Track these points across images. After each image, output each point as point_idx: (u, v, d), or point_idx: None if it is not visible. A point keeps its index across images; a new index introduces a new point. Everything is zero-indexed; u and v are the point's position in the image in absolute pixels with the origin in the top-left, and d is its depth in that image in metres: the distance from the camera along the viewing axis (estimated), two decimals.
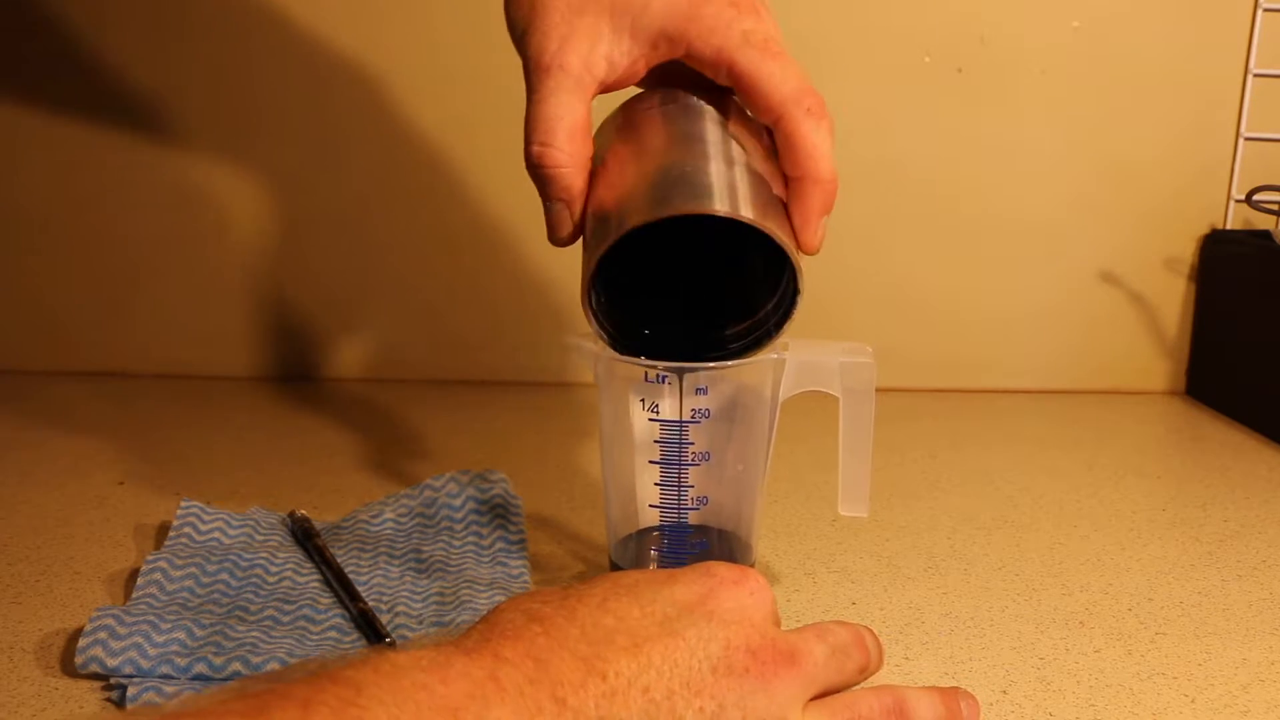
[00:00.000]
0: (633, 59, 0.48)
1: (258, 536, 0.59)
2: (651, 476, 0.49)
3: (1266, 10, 0.86)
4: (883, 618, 0.54)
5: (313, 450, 0.76)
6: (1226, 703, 0.47)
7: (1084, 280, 0.92)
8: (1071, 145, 0.90)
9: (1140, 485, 0.73)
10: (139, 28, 0.86)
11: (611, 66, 0.48)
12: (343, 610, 0.52)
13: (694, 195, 0.44)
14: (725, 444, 0.50)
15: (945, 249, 0.91)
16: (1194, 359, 0.93)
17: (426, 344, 0.92)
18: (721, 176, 0.45)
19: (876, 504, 0.67)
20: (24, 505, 0.65)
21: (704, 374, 0.48)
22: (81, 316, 0.91)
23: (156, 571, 0.53)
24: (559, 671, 0.36)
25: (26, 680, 0.47)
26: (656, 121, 0.49)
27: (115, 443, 0.76)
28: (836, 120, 0.49)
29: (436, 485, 0.63)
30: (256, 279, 0.90)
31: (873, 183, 0.89)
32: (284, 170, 0.88)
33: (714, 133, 0.48)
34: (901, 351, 0.92)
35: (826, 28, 0.87)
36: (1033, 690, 0.48)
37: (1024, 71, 0.88)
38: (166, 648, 0.47)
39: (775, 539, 0.63)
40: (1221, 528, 0.66)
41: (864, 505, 0.52)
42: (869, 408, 0.50)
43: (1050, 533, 0.65)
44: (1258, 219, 0.90)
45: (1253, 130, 0.89)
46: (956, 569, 0.60)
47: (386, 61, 0.86)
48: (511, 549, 0.59)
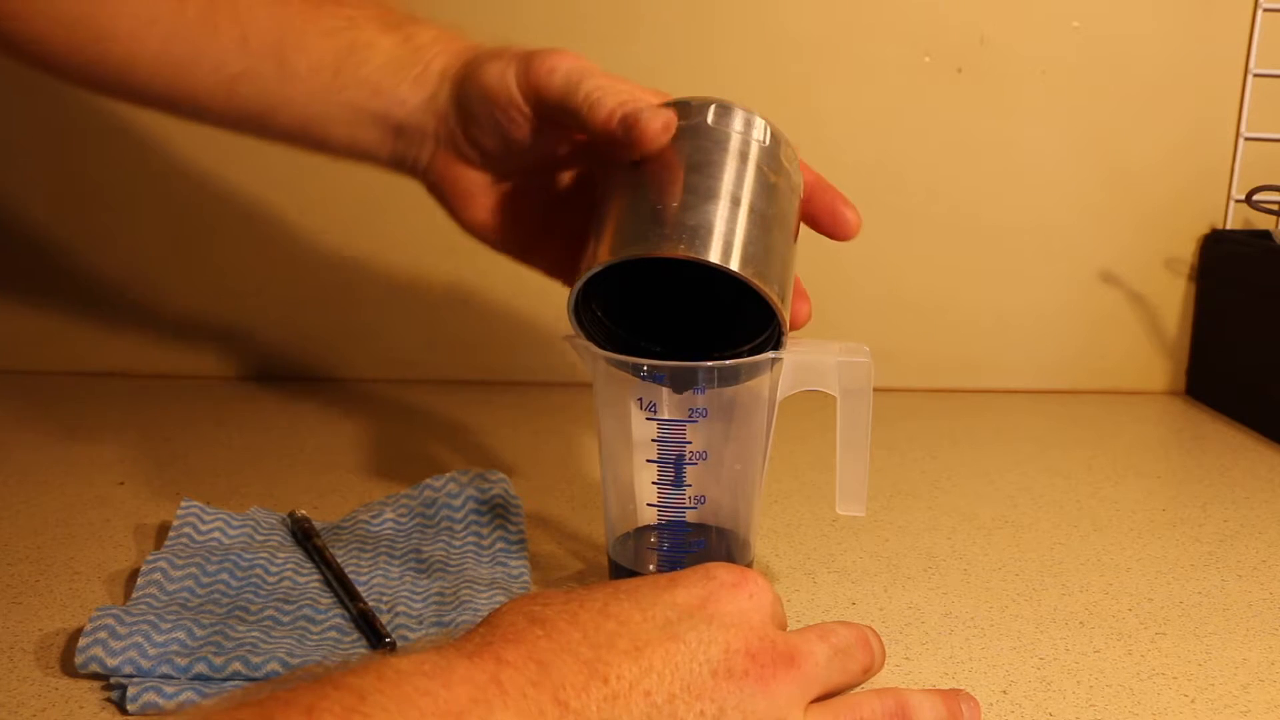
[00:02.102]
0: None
1: (258, 536, 0.59)
2: (650, 475, 0.49)
3: (1266, 10, 0.86)
4: (883, 618, 0.54)
5: (313, 450, 0.76)
6: (1226, 703, 0.47)
7: (1084, 280, 0.92)
8: (1071, 145, 0.90)
9: (1140, 485, 0.73)
10: None
11: None
12: (343, 610, 0.52)
13: (678, 240, 0.46)
14: (723, 443, 0.50)
15: (945, 248, 0.91)
16: (1194, 359, 0.93)
17: (426, 344, 0.92)
18: (722, 221, 0.46)
19: (876, 504, 0.67)
20: (24, 505, 0.65)
21: (702, 373, 0.48)
22: (82, 316, 0.91)
23: (156, 571, 0.53)
24: (561, 674, 0.36)
25: (26, 680, 0.47)
26: (675, 149, 0.49)
27: (115, 443, 0.76)
28: (836, 120, 0.49)
29: (436, 485, 0.63)
30: (256, 279, 0.90)
31: (873, 182, 0.89)
32: (284, 170, 0.88)
33: (730, 167, 0.49)
34: (901, 351, 0.92)
35: (826, 28, 0.87)
36: (1033, 690, 0.48)
37: (1024, 71, 0.88)
38: (166, 648, 0.47)
39: (775, 539, 0.63)
40: (1221, 528, 0.66)
41: (862, 505, 0.52)
42: (866, 407, 0.50)
43: (1050, 533, 0.65)
44: (1258, 219, 0.90)
45: (1253, 130, 0.89)
46: (956, 569, 0.60)
47: None
48: (511, 549, 0.59)
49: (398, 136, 0.56)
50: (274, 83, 0.55)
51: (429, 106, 0.55)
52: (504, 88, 0.52)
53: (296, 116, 0.56)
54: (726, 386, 0.49)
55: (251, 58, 0.54)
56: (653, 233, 0.46)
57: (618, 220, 0.48)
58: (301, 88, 0.55)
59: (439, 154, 0.56)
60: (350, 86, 0.54)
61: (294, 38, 0.54)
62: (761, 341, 0.49)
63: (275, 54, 0.54)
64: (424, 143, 0.56)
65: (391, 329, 0.92)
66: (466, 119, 0.54)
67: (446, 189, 0.57)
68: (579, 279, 0.47)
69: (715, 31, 0.87)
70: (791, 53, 0.87)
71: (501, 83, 0.52)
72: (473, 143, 0.55)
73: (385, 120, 0.55)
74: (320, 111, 0.55)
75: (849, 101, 0.88)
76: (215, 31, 0.54)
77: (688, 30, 0.86)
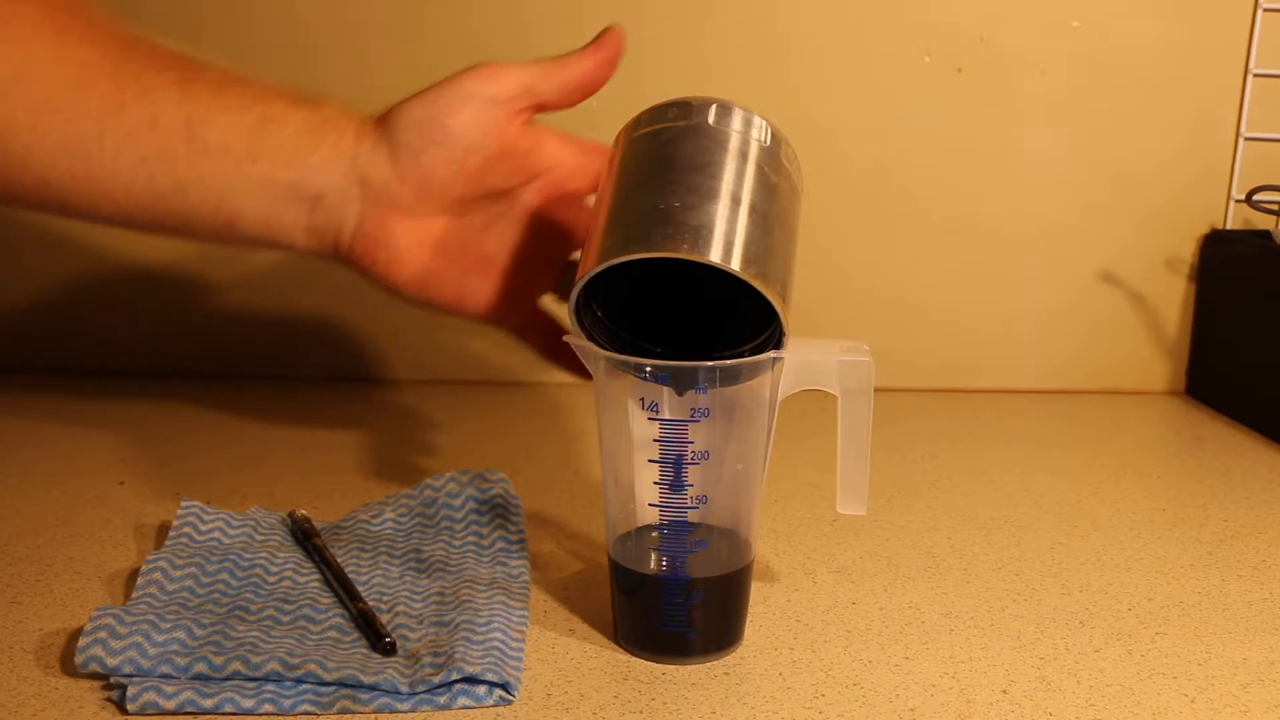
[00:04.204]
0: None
1: (258, 536, 0.59)
2: (651, 475, 0.49)
3: (1266, 10, 0.86)
4: (883, 618, 0.54)
5: (313, 450, 0.76)
6: (1227, 703, 0.47)
7: (1084, 280, 0.92)
8: (1071, 145, 0.90)
9: (1140, 485, 0.73)
10: (154, 33, 0.86)
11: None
12: (343, 610, 0.52)
13: (680, 240, 0.46)
14: (724, 443, 0.50)
15: (945, 248, 0.91)
16: (1194, 359, 0.93)
17: (426, 344, 0.92)
18: (724, 221, 0.46)
19: (876, 504, 0.67)
20: (24, 505, 0.65)
21: (704, 373, 0.48)
22: (82, 316, 0.91)
23: (156, 571, 0.53)
24: None
25: (26, 680, 0.47)
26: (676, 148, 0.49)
27: (115, 443, 0.76)
28: (836, 120, 0.49)
29: (436, 485, 0.63)
30: (255, 280, 0.90)
31: (873, 182, 0.89)
32: None
33: (731, 166, 0.49)
34: (901, 351, 0.92)
35: (826, 28, 0.87)
36: (1033, 690, 0.48)
37: (1024, 71, 0.88)
38: (166, 647, 0.47)
39: (775, 539, 0.63)
40: (1221, 528, 0.66)
41: (863, 504, 0.52)
42: (867, 406, 0.50)
43: (1050, 533, 0.65)
44: (1258, 219, 0.90)
45: (1253, 130, 0.89)
46: (956, 569, 0.60)
47: (385, 63, 0.86)
48: (511, 548, 0.59)
49: (315, 207, 0.54)
50: (184, 160, 0.53)
51: (350, 170, 0.54)
52: (473, 94, 0.53)
53: (209, 194, 0.53)
54: (728, 386, 0.49)
55: (161, 137, 0.52)
56: (654, 233, 0.46)
57: (619, 220, 0.48)
58: (213, 164, 0.53)
59: (368, 215, 0.54)
60: (263, 158, 0.53)
61: (203, 114, 0.53)
62: (762, 341, 0.49)
63: (185, 131, 0.52)
64: (348, 206, 0.54)
65: (391, 329, 0.92)
66: (408, 155, 0.53)
67: (379, 251, 0.55)
68: (580, 279, 0.47)
69: (715, 31, 0.87)
70: (791, 53, 0.87)
71: (466, 92, 0.53)
72: (419, 180, 0.54)
73: (301, 190, 0.54)
74: (233, 187, 0.53)
75: (849, 101, 0.88)
76: (122, 112, 0.52)
77: (687, 30, 0.86)
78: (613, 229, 0.48)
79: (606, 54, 0.57)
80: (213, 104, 0.53)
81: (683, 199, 0.47)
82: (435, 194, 0.55)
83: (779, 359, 0.49)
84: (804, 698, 0.47)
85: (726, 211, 0.47)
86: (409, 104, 0.54)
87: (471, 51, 0.86)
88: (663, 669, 0.49)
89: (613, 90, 0.56)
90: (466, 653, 0.47)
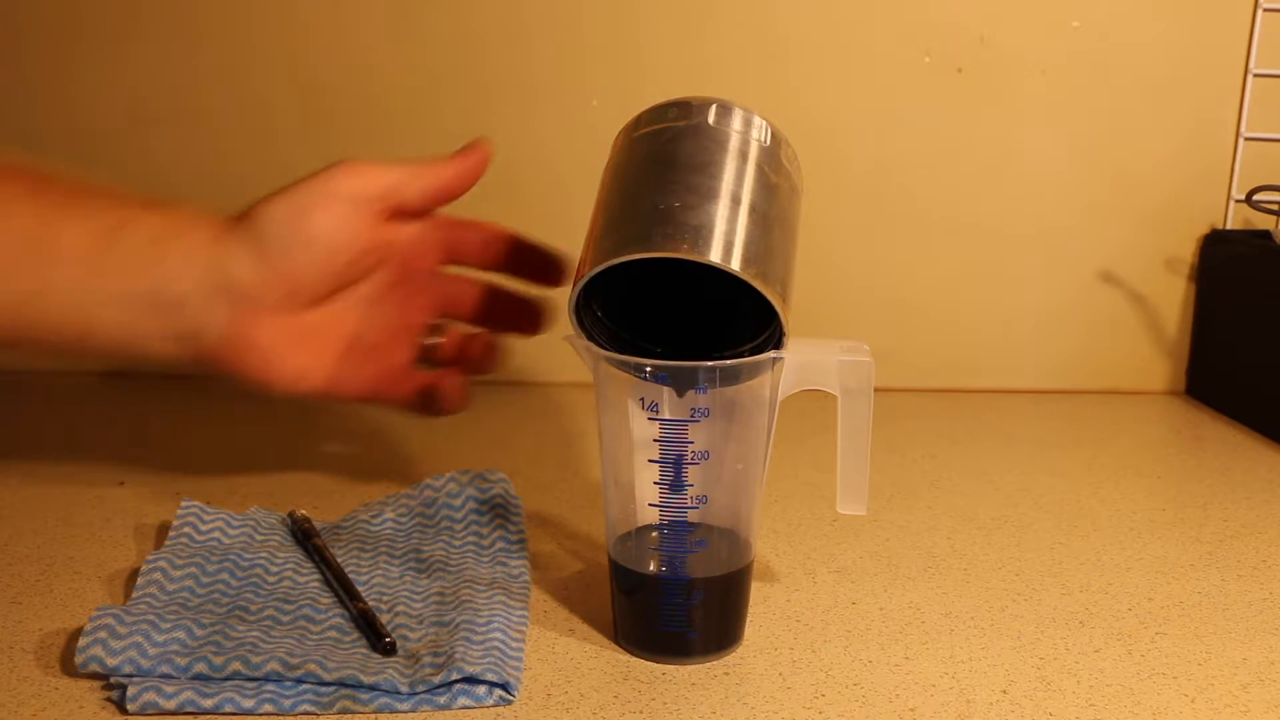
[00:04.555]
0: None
1: (258, 536, 0.59)
2: (651, 475, 0.49)
3: (1266, 10, 0.86)
4: (883, 618, 0.54)
5: (313, 450, 0.76)
6: (1227, 703, 0.47)
7: (1084, 280, 0.92)
8: (1071, 145, 0.90)
9: (1140, 485, 0.73)
10: (157, 35, 0.86)
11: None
12: (343, 610, 0.52)
13: (680, 240, 0.46)
14: (725, 443, 0.50)
15: (945, 248, 0.91)
16: (1194, 359, 0.93)
17: None
18: (724, 221, 0.47)
19: (876, 503, 0.67)
20: (24, 505, 0.65)
21: (704, 373, 0.48)
22: None
23: (156, 571, 0.53)
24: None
25: (26, 680, 0.47)
26: (676, 147, 0.49)
27: (115, 443, 0.76)
28: (836, 120, 0.49)
29: (436, 485, 0.63)
30: None
31: (873, 182, 0.89)
32: (283, 169, 0.88)
33: (731, 166, 0.49)
34: (901, 351, 0.92)
35: (826, 28, 0.87)
36: (1033, 690, 0.48)
37: (1024, 71, 0.88)
38: (166, 647, 0.47)
39: (775, 539, 0.63)
40: (1221, 528, 0.66)
41: (863, 504, 0.52)
42: (867, 406, 0.50)
43: (1050, 533, 0.65)
44: (1258, 219, 0.90)
45: (1253, 130, 0.89)
46: (956, 569, 0.60)
47: (385, 63, 0.86)
48: (511, 548, 0.59)
49: (177, 314, 0.53)
50: (33, 271, 0.51)
51: (209, 272, 0.52)
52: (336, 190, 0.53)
53: (62, 303, 0.52)
54: (728, 386, 0.49)
55: (10, 245, 0.51)
56: (654, 232, 0.46)
57: (618, 220, 0.48)
58: (65, 272, 0.51)
59: (234, 317, 0.53)
60: (116, 264, 0.51)
61: (54, 222, 0.51)
62: (762, 341, 0.49)
63: (34, 241, 0.51)
64: (212, 312, 0.53)
65: None
66: (276, 254, 0.53)
67: (249, 355, 0.54)
68: (580, 279, 0.47)
69: (714, 31, 0.87)
70: (791, 53, 0.87)
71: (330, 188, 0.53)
72: (287, 279, 0.53)
73: (157, 297, 0.52)
74: (87, 296, 0.52)
75: (849, 101, 0.88)
76: None
77: (687, 31, 0.86)
78: (612, 229, 0.48)
79: (472, 164, 0.57)
80: (64, 210, 0.52)
81: (683, 199, 0.47)
82: (302, 292, 0.54)
83: (779, 359, 0.49)
84: (804, 698, 0.47)
85: (726, 211, 0.47)
86: (272, 202, 0.53)
87: (471, 51, 0.87)
88: (663, 669, 0.49)
89: (613, 90, 0.56)
90: (466, 653, 0.47)
